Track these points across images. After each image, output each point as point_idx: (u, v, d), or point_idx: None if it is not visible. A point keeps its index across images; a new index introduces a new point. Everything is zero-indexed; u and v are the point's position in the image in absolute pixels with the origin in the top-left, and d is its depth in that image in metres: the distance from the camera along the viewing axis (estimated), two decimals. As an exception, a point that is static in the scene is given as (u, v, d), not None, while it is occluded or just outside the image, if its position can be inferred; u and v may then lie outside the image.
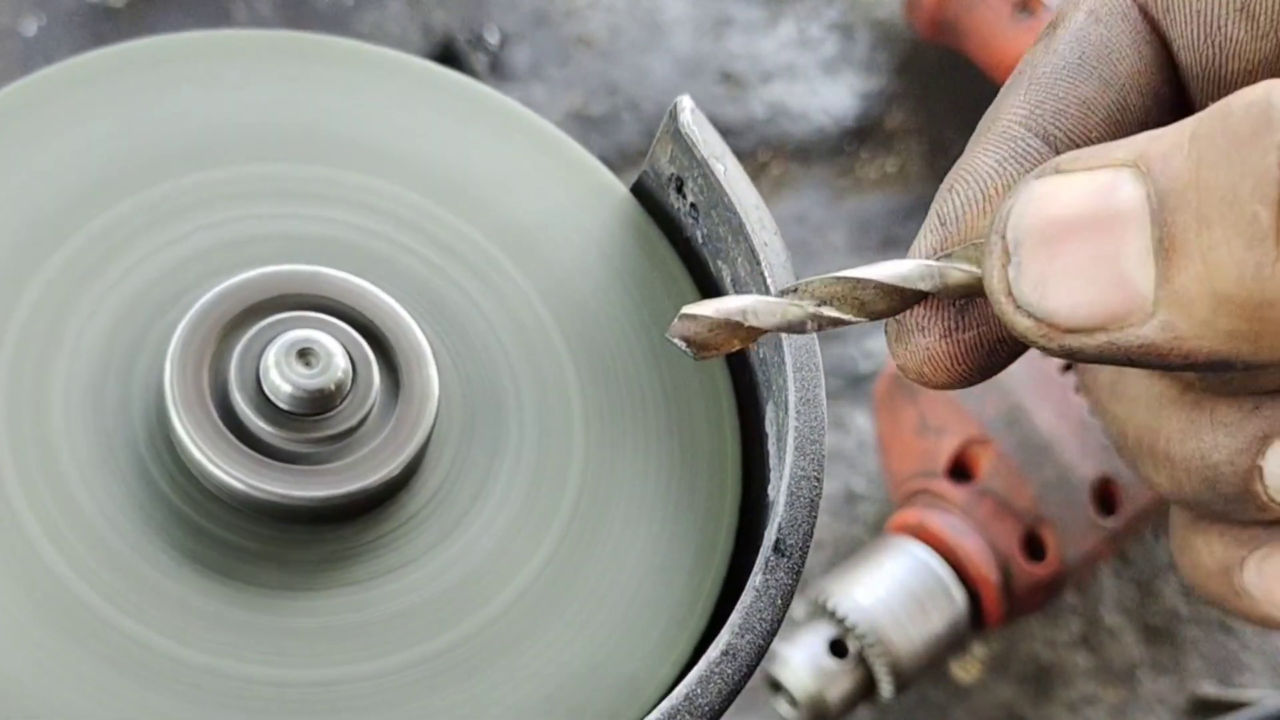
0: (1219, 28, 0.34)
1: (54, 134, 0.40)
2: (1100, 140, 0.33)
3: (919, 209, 1.04)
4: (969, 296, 0.33)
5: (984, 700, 0.87)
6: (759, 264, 0.39)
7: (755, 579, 0.35)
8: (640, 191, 0.44)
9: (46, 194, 0.40)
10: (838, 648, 0.79)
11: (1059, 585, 0.82)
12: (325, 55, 0.44)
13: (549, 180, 0.44)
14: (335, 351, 0.37)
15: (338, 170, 0.42)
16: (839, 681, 0.78)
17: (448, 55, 1.10)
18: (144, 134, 0.41)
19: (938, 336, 0.35)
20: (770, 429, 0.40)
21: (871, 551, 0.82)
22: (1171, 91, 0.35)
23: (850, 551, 0.87)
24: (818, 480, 0.36)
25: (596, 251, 0.43)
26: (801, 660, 0.78)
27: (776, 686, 0.80)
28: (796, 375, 0.38)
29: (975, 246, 0.33)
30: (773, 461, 0.39)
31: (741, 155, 1.04)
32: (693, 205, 0.42)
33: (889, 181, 1.06)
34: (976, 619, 0.81)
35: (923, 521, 0.82)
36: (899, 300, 0.34)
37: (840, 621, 0.79)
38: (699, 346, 0.33)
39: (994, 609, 0.81)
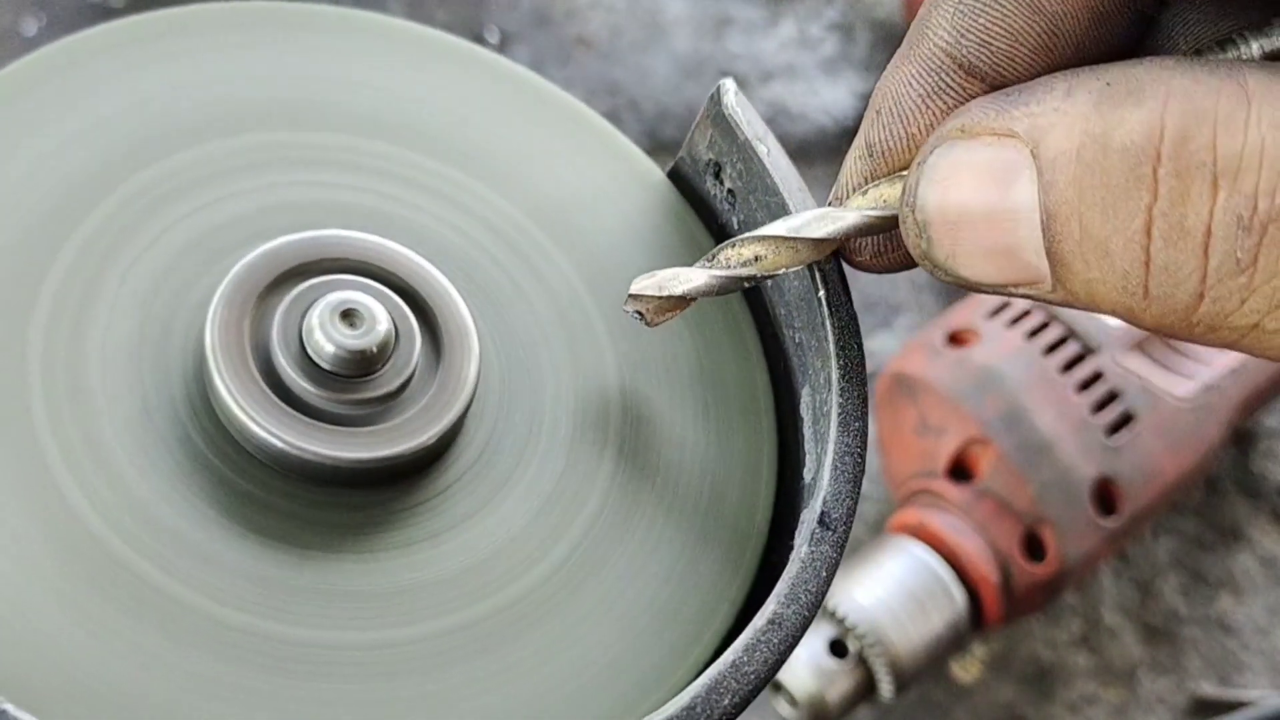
0: None
1: (84, 99, 0.40)
2: (1029, 72, 0.34)
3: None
4: (884, 231, 0.36)
5: (984, 700, 0.87)
6: None
7: (801, 550, 0.35)
8: (676, 176, 0.44)
9: (79, 158, 0.40)
10: (838, 648, 0.79)
11: (1059, 585, 0.82)
12: (355, 28, 0.44)
13: (588, 162, 0.44)
14: (379, 313, 0.37)
15: (369, 141, 0.42)
16: (839, 681, 0.78)
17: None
18: (177, 100, 0.41)
19: (869, 257, 0.37)
20: (806, 413, 0.40)
21: (871, 551, 0.82)
22: (1113, 3, 0.34)
23: (850, 551, 0.87)
24: (861, 455, 0.37)
25: (633, 234, 0.43)
26: (801, 660, 0.78)
27: (776, 686, 0.80)
28: (839, 354, 0.38)
29: (898, 178, 0.35)
30: (808, 445, 0.39)
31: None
32: (730, 191, 0.42)
33: (889, 181, 1.06)
34: (976, 619, 0.81)
35: (923, 521, 0.82)
36: (814, 250, 0.36)
37: (840, 621, 0.79)
38: (651, 315, 0.38)
39: (994, 609, 0.81)
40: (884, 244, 0.37)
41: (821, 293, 0.38)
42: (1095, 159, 0.30)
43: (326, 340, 0.37)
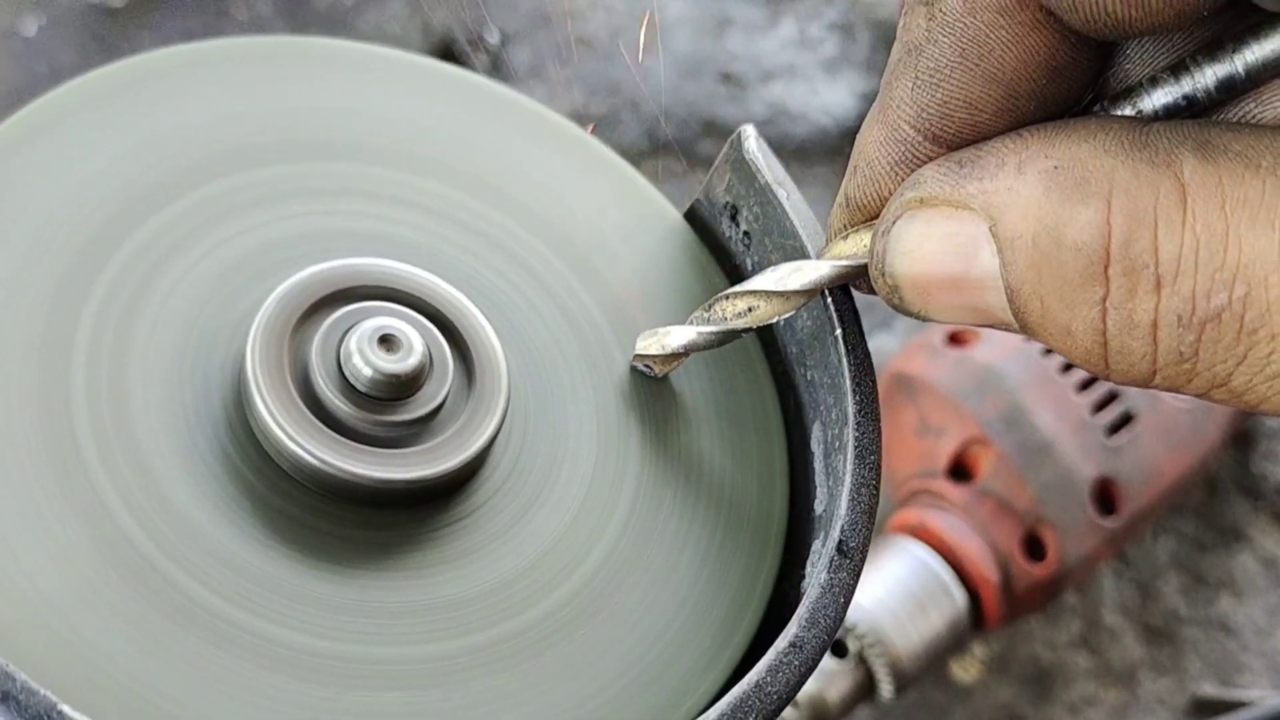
0: (1107, 12, 0.33)
1: (130, 124, 0.42)
2: (992, 132, 0.35)
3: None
4: (859, 277, 0.38)
5: (984, 700, 0.87)
6: None
7: (820, 576, 0.37)
8: (692, 218, 0.46)
9: (117, 185, 0.41)
10: (838, 648, 0.79)
11: (1059, 585, 0.82)
12: (399, 67, 0.46)
13: (610, 201, 0.46)
14: (415, 339, 0.39)
15: (407, 175, 0.44)
16: (839, 681, 0.78)
17: (448, 55, 1.10)
18: (215, 130, 0.43)
19: (867, 288, 0.39)
20: (817, 447, 0.42)
21: (871, 552, 0.82)
22: (1068, 56, 0.34)
23: (850, 552, 0.87)
24: (875, 488, 0.39)
25: (652, 271, 0.45)
26: (801, 660, 0.78)
27: (776, 686, 0.80)
28: (855, 390, 0.40)
29: (868, 227, 0.38)
30: (818, 478, 0.41)
31: (741, 155, 1.04)
32: (745, 233, 0.44)
33: (889, 182, 1.06)
34: (976, 619, 0.81)
35: (923, 521, 0.82)
36: (799, 299, 0.38)
37: (840, 622, 0.79)
38: (658, 367, 0.42)
39: (994, 609, 0.81)
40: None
41: (838, 331, 0.40)
42: (1050, 251, 0.32)
43: (365, 364, 0.38)
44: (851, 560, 0.37)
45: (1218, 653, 0.90)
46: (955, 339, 0.85)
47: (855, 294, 0.40)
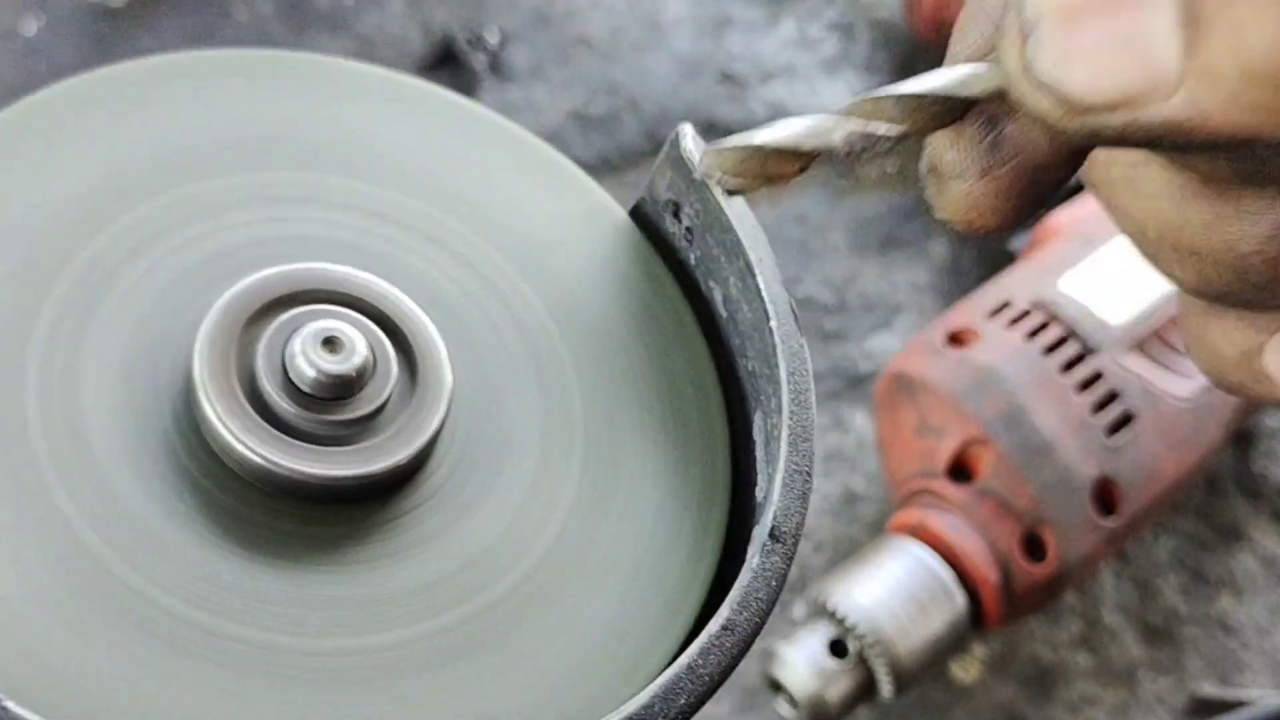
0: None
1: (74, 140, 0.43)
2: None
3: (919, 209, 1.04)
4: (996, 99, 0.33)
5: (984, 700, 0.87)
6: (754, 276, 0.42)
7: (753, 561, 0.38)
8: (638, 216, 0.47)
9: (77, 194, 0.42)
10: (838, 648, 0.79)
11: (1059, 585, 0.82)
12: (338, 77, 0.47)
13: (555, 200, 0.47)
14: (357, 340, 0.40)
15: (353, 181, 0.45)
16: (839, 681, 0.79)
17: (448, 55, 1.10)
18: (172, 141, 0.44)
19: (976, 178, 0.35)
20: (758, 436, 0.43)
21: (871, 551, 0.82)
22: None
23: (850, 551, 0.87)
24: (809, 475, 0.39)
25: (597, 268, 0.46)
26: (801, 660, 0.78)
27: (777, 686, 0.80)
28: (790, 380, 0.40)
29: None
30: (760, 465, 0.42)
31: (741, 155, 1.04)
32: (688, 229, 0.45)
33: (889, 181, 1.06)
34: (976, 619, 0.81)
35: (923, 521, 0.82)
36: (925, 115, 0.34)
37: (840, 621, 0.79)
38: (734, 177, 0.37)
39: (994, 609, 0.81)
40: (990, 159, 0.35)
41: (773, 322, 0.41)
42: None
43: (308, 365, 0.39)
44: (784, 545, 0.38)
45: (1218, 652, 0.90)
46: (955, 339, 0.85)
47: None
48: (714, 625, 0.37)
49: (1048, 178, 0.35)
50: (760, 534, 0.38)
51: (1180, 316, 0.37)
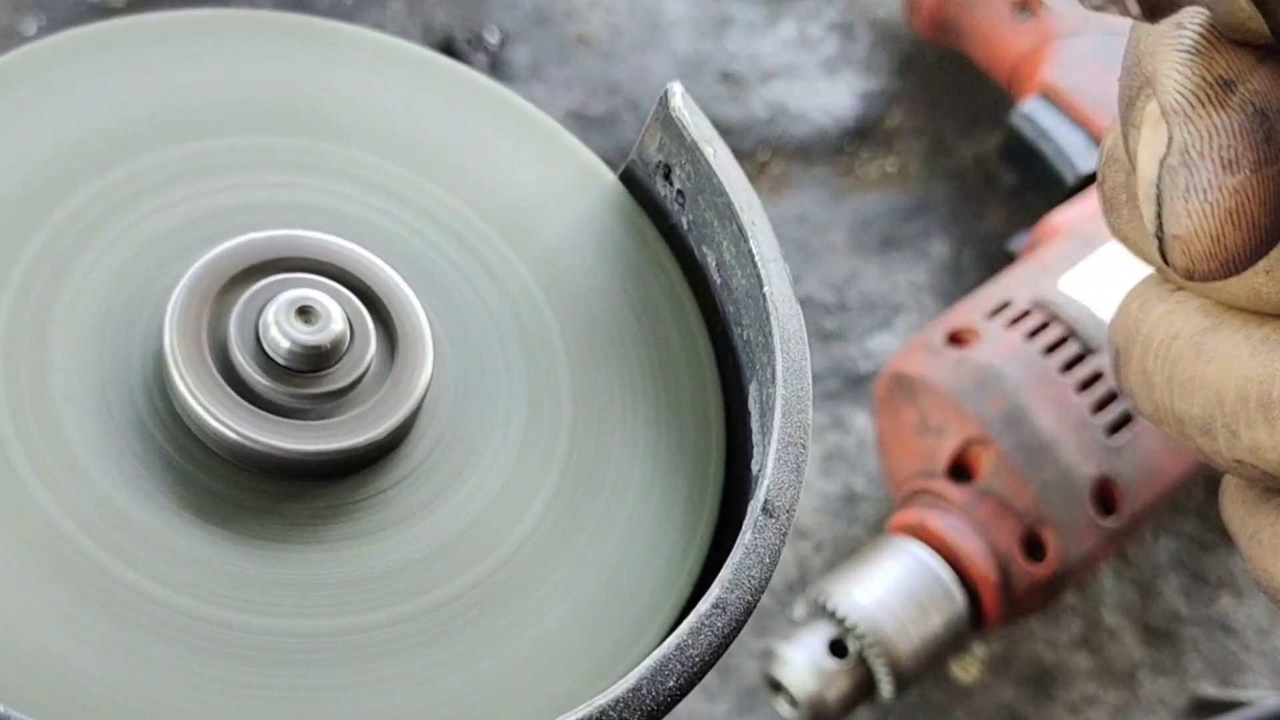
0: None
1: (56, 100, 0.41)
2: None
3: (919, 209, 1.04)
4: None
5: (984, 700, 0.87)
6: (747, 241, 0.40)
7: (745, 537, 0.36)
8: (628, 179, 0.45)
9: (46, 157, 0.40)
10: (838, 648, 0.79)
11: (1059, 585, 0.82)
12: (318, 37, 0.45)
13: (542, 164, 0.45)
14: (334, 310, 0.39)
15: (332, 144, 0.43)
16: (839, 681, 0.78)
17: (448, 54, 1.10)
18: (145, 104, 0.42)
19: (1248, 169, 0.25)
20: (753, 407, 0.41)
21: (871, 551, 0.82)
22: None
23: (850, 551, 0.87)
24: (804, 447, 0.38)
25: (586, 234, 0.44)
26: (801, 660, 0.78)
27: (776, 686, 0.80)
28: (784, 347, 0.39)
29: None
30: (755, 438, 0.41)
31: (741, 155, 1.04)
32: (679, 192, 0.43)
33: (889, 181, 1.06)
34: (976, 619, 0.81)
35: (923, 521, 0.82)
36: None
37: (840, 621, 0.78)
38: None
39: (994, 609, 0.81)
40: (1264, 151, 0.25)
41: (767, 288, 0.39)
42: None
43: (282, 336, 0.38)
44: (778, 520, 0.36)
45: (1218, 652, 0.90)
46: (955, 339, 0.85)
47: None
48: (704, 605, 0.35)
49: None
50: (754, 509, 0.37)
51: (1231, 510, 0.31)
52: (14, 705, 0.32)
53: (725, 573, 0.36)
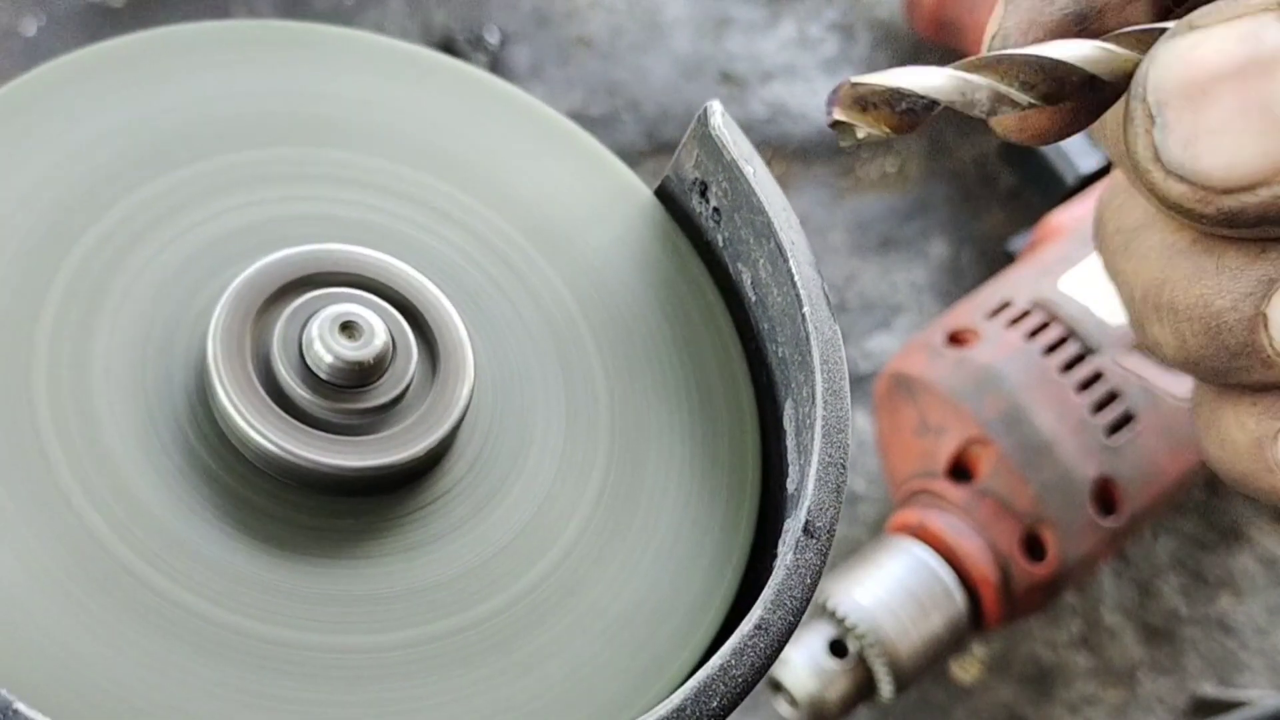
0: None
1: (90, 114, 0.41)
2: None
3: (919, 209, 1.04)
4: (1123, 82, 0.30)
5: (984, 700, 0.87)
6: (786, 260, 0.40)
7: (786, 558, 0.36)
8: (663, 195, 0.45)
9: (84, 170, 0.40)
10: (838, 648, 0.79)
11: (1059, 585, 0.82)
12: (353, 49, 0.45)
13: (580, 180, 0.45)
14: (376, 325, 0.38)
15: (371, 158, 0.43)
16: (839, 681, 0.78)
17: (448, 55, 1.10)
18: (182, 116, 0.42)
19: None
20: (789, 425, 0.41)
21: (871, 551, 0.82)
22: None
23: (850, 551, 0.87)
24: (843, 467, 0.38)
25: (623, 250, 0.44)
26: (801, 660, 0.78)
27: (776, 686, 0.80)
28: (823, 368, 0.39)
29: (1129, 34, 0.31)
30: (791, 456, 0.41)
31: (741, 155, 1.04)
32: (715, 209, 0.43)
33: (889, 181, 1.06)
34: (976, 619, 0.81)
35: (923, 521, 0.82)
36: (1060, 84, 0.31)
37: (840, 621, 0.79)
38: (860, 110, 0.31)
39: (994, 609, 0.81)
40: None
41: (806, 309, 0.39)
42: None
43: (326, 351, 0.38)
44: (818, 540, 0.37)
45: (1218, 652, 0.90)
46: (955, 339, 0.85)
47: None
48: (746, 625, 0.35)
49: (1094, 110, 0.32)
50: (794, 528, 0.37)
51: (1193, 405, 0.35)
52: None
53: (768, 593, 0.36)
